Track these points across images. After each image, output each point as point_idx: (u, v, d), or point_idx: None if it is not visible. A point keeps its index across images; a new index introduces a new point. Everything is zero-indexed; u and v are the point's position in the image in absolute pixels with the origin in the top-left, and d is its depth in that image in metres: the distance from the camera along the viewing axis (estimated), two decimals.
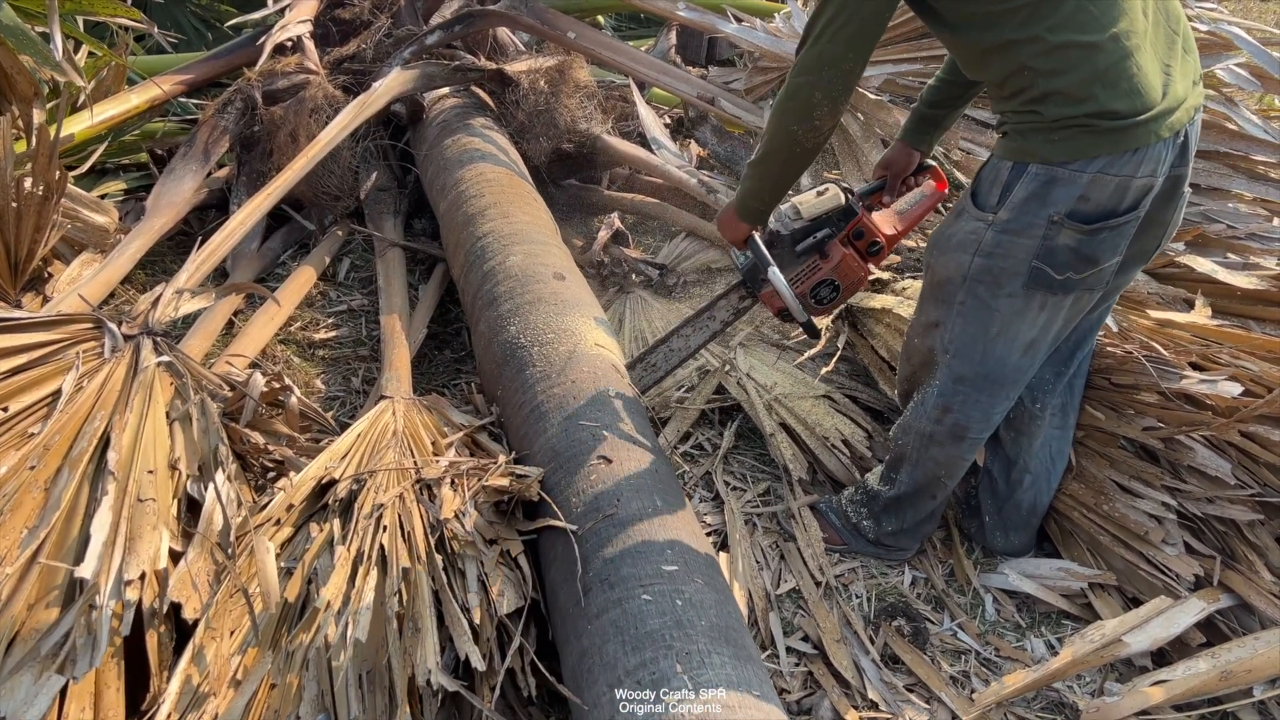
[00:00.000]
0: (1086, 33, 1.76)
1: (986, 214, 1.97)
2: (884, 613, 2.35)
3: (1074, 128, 1.82)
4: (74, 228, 3.03)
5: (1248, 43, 2.83)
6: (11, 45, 2.72)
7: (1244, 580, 2.14)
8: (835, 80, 1.94)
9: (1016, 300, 2.00)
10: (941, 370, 2.18)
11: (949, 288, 2.09)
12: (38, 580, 1.68)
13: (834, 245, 2.26)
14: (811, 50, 1.93)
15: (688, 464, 2.75)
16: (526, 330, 2.42)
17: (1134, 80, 1.79)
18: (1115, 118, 1.79)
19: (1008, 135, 1.94)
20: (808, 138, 2.02)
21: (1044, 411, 2.31)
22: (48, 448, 1.87)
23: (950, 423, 2.21)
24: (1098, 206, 1.86)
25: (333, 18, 4.18)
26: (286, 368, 3.03)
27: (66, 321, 2.19)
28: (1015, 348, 2.08)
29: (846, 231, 2.26)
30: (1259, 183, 2.80)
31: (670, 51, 4.69)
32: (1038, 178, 1.88)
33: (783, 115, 2.02)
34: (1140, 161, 1.82)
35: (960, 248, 2.03)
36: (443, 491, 2.02)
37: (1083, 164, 1.83)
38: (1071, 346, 2.27)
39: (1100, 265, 1.94)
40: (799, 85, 1.97)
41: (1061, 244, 1.90)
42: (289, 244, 3.70)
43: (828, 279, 2.25)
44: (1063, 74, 1.79)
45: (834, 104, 1.97)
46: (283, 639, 1.79)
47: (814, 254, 2.27)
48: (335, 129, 3.09)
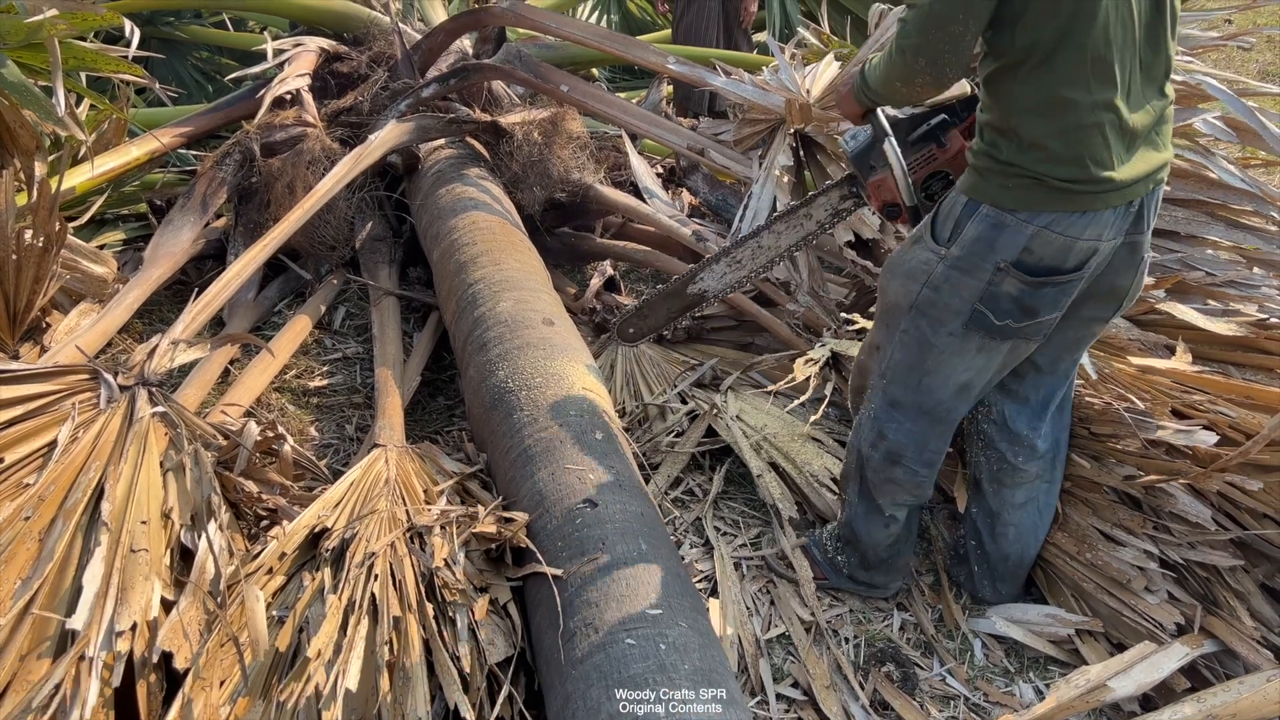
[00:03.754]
0: (1070, 89, 1.78)
1: (940, 247, 2.00)
2: (874, 658, 2.36)
3: (1026, 178, 1.85)
4: (73, 278, 3.08)
5: (1225, 94, 2.89)
6: (15, 100, 2.78)
7: (1226, 626, 2.15)
8: (944, 43, 1.77)
9: (955, 340, 2.04)
10: (877, 394, 2.23)
11: (895, 313, 2.12)
12: (31, 631, 1.70)
13: (953, 135, 2.13)
14: (921, 10, 1.77)
15: (678, 509, 2.78)
16: (515, 375, 2.45)
17: (1097, 150, 1.81)
18: (1066, 179, 1.82)
19: (970, 169, 1.97)
20: (910, 95, 1.95)
21: (1027, 465, 2.33)
22: (43, 498, 1.90)
23: (885, 449, 2.25)
24: (1041, 261, 1.90)
25: (331, 71, 4.26)
26: (281, 416, 3.06)
27: (63, 373, 2.22)
28: (948, 386, 2.12)
29: (968, 123, 2.13)
30: (1237, 230, 2.84)
31: (662, 103, 4.78)
32: (987, 219, 1.91)
33: (887, 71, 1.93)
34: (1087, 224, 1.86)
35: (911, 276, 2.06)
36: (433, 539, 2.05)
37: (1029, 215, 1.87)
38: (1043, 399, 2.29)
39: (1039, 318, 1.97)
40: (904, 48, 1.84)
41: (1005, 291, 1.94)
42: (285, 293, 3.74)
43: (942, 170, 2.14)
44: (1032, 116, 1.81)
45: (939, 73, 1.83)
46: (273, 688, 1.80)
47: (931, 143, 2.15)
48: (332, 180, 3.15)
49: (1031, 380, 2.26)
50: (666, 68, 3.85)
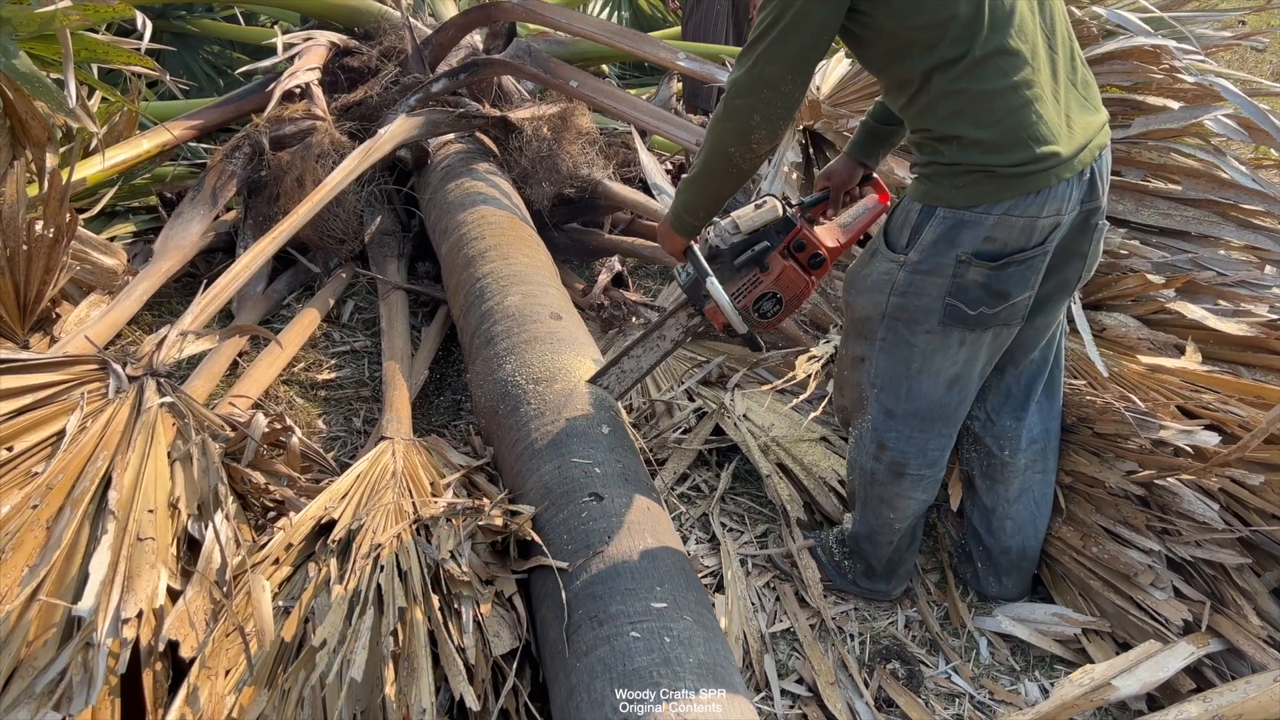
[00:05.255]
0: (986, 81, 1.80)
1: (898, 255, 2.01)
2: (879, 655, 2.35)
3: (976, 173, 1.86)
4: (83, 269, 3.09)
5: (1235, 95, 2.87)
6: (27, 91, 2.79)
7: (1233, 625, 2.14)
8: (774, 102, 1.88)
9: (935, 337, 2.03)
10: (872, 405, 2.22)
11: (869, 325, 2.13)
12: (37, 618, 1.70)
13: (774, 258, 2.20)
14: (751, 71, 1.87)
15: (685, 505, 2.78)
16: (522, 369, 2.46)
17: (1034, 128, 1.83)
18: (1014, 164, 1.83)
19: (918, 178, 1.98)
20: (744, 159, 1.97)
21: (1015, 458, 2.32)
22: (51, 487, 1.90)
23: (888, 459, 2.23)
24: (1004, 245, 1.90)
25: (341, 65, 4.27)
26: (289, 408, 3.07)
27: (72, 363, 2.23)
28: (939, 383, 2.11)
29: (786, 243, 2.20)
30: (1248, 230, 2.83)
31: (672, 100, 4.78)
32: (945, 221, 1.92)
33: (720, 136, 1.96)
34: (1045, 202, 1.87)
35: (876, 288, 2.07)
36: (439, 531, 2.05)
37: (987, 207, 1.87)
38: (1024, 390, 2.28)
39: (1012, 299, 1.97)
40: (736, 107, 1.91)
41: (971, 279, 1.94)
42: (294, 286, 3.75)
43: (769, 292, 2.20)
44: (962, 118, 1.83)
45: (772, 127, 1.92)
46: (279, 678, 1.81)
47: (754, 267, 2.21)
48: (341, 174, 3.16)
49: (1010, 373, 2.26)
50: (676, 64, 3.85)
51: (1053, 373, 2.31)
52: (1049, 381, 2.31)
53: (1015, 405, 2.29)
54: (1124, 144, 2.91)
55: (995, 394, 2.30)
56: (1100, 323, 2.67)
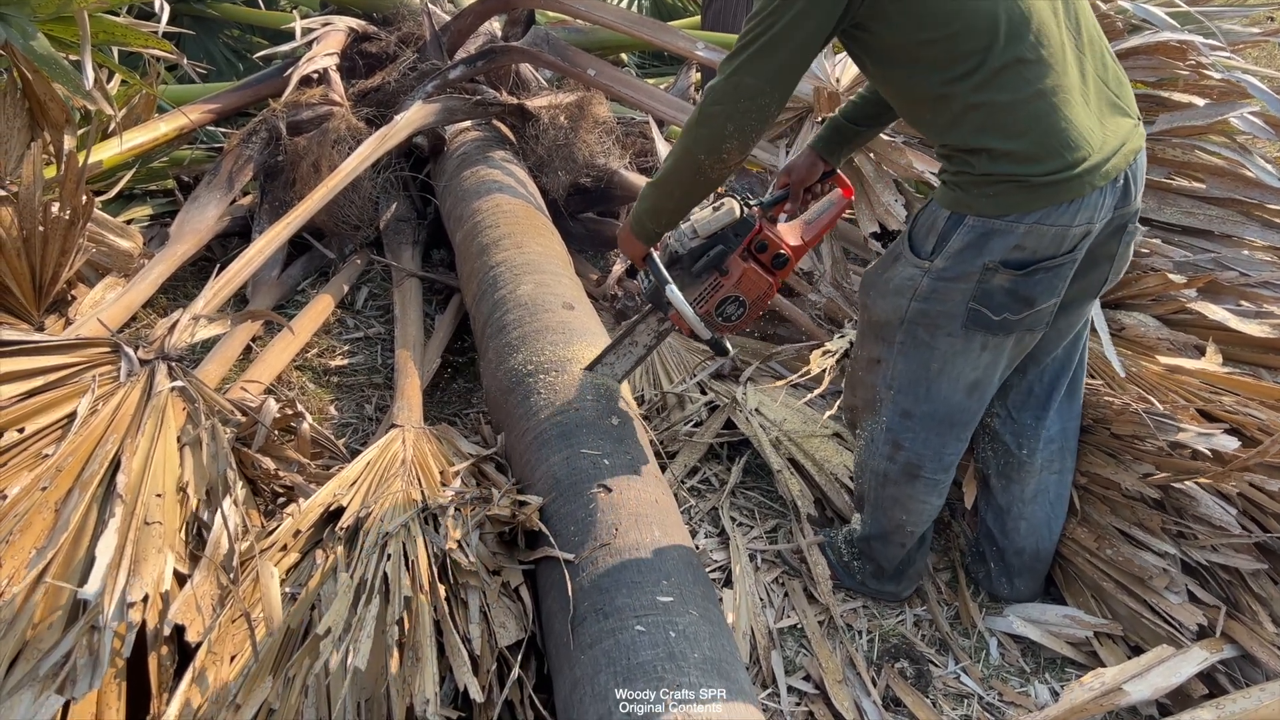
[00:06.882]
0: (1008, 91, 1.76)
1: (924, 261, 1.97)
2: (887, 654, 2.34)
3: (1008, 183, 1.82)
4: (99, 252, 3.09)
5: (1263, 92, 2.83)
6: (45, 73, 2.79)
7: (1247, 631, 2.12)
8: (751, 114, 1.85)
9: (956, 341, 2.00)
10: (887, 406, 2.18)
11: (887, 329, 2.10)
12: (43, 600, 1.71)
13: (733, 260, 2.16)
14: (731, 79, 1.84)
15: (694, 499, 2.76)
16: (533, 358, 2.44)
17: (1065, 135, 1.78)
18: (1046, 174, 1.79)
19: (946, 184, 1.94)
20: (713, 168, 1.94)
21: (1032, 457, 2.29)
22: (60, 469, 1.91)
23: (903, 460, 2.21)
24: (1033, 254, 1.87)
25: (360, 51, 4.26)
26: (301, 394, 3.07)
27: (84, 345, 2.24)
28: (959, 387, 2.08)
29: (745, 244, 2.16)
30: (1272, 230, 2.79)
31: (690, 90, 4.75)
32: (974, 229, 1.88)
33: (691, 142, 1.93)
34: (1077, 211, 1.83)
35: (897, 292, 2.03)
36: (447, 521, 2.04)
37: (1019, 216, 1.83)
38: (1046, 390, 2.25)
39: (1037, 306, 1.94)
40: (712, 114, 1.87)
41: (996, 285, 1.90)
42: (309, 272, 3.75)
43: (730, 295, 2.16)
44: (988, 131, 1.79)
45: (745, 138, 1.88)
46: (284, 664, 1.81)
47: (713, 271, 2.17)
48: (356, 160, 3.15)
49: (1033, 371, 2.23)
50: (695, 53, 3.82)
51: (1075, 373, 2.28)
52: (1071, 381, 2.28)
53: (1037, 403, 2.26)
54: (1148, 140, 2.87)
55: (1017, 391, 2.27)
56: (1119, 322, 2.64)
